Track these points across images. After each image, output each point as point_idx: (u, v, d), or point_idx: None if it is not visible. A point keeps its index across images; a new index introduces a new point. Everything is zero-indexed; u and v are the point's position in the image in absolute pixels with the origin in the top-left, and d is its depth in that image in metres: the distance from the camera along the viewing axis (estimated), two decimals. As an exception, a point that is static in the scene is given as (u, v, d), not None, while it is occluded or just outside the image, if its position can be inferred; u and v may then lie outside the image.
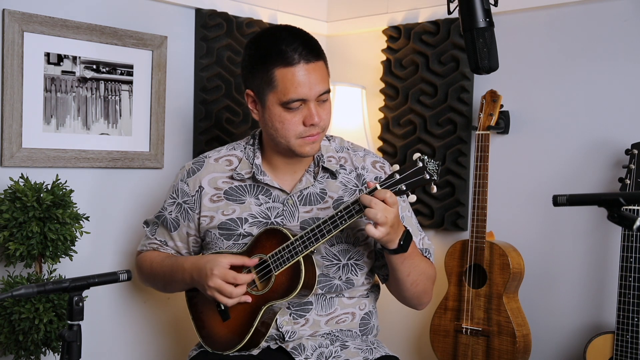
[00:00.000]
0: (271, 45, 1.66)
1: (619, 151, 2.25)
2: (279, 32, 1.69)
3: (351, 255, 1.77)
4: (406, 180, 1.56)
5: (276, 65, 1.64)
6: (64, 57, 2.20)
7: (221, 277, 1.65)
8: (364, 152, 1.88)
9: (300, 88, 1.64)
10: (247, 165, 1.80)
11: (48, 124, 2.18)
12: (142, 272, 1.96)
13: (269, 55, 1.66)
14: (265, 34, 1.72)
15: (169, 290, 1.94)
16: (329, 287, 1.76)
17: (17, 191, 1.94)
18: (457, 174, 2.61)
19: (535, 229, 2.47)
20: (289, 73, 1.64)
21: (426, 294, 1.82)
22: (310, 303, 1.75)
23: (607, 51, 2.30)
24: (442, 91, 2.64)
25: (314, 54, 1.67)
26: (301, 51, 1.64)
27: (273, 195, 1.78)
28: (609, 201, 1.39)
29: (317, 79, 1.66)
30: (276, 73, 1.65)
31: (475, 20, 1.68)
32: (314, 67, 1.66)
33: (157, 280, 1.91)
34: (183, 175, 1.87)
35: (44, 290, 1.34)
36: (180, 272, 1.78)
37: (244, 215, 1.77)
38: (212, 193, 1.81)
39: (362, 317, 1.82)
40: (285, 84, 1.64)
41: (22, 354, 1.98)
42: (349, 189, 1.81)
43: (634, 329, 2.05)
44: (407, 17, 2.77)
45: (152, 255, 1.93)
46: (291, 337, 1.74)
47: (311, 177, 1.80)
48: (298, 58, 1.64)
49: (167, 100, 2.47)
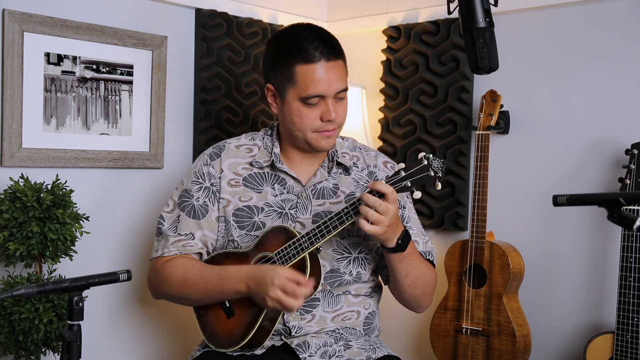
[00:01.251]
0: (293, 42, 1.73)
1: (619, 151, 2.25)
2: (301, 30, 1.75)
3: (361, 249, 1.81)
4: (411, 177, 1.60)
5: (297, 61, 1.70)
6: (64, 57, 2.20)
7: (281, 287, 1.59)
8: (375, 152, 1.95)
9: (320, 85, 1.70)
10: (266, 154, 1.85)
11: (48, 124, 2.18)
12: (171, 280, 1.78)
13: (291, 52, 1.72)
14: (288, 32, 1.78)
15: (202, 302, 1.80)
16: (339, 282, 1.79)
17: (17, 191, 1.94)
18: (457, 174, 2.61)
19: (535, 229, 2.47)
20: (309, 70, 1.70)
21: (425, 297, 1.84)
22: (317, 299, 1.77)
23: (607, 51, 2.30)
24: (442, 91, 2.64)
25: (334, 52, 1.73)
26: (322, 49, 1.70)
27: (288, 186, 1.82)
28: (609, 201, 1.39)
29: (336, 77, 1.72)
30: (297, 69, 1.70)
31: (475, 20, 1.68)
32: (334, 65, 1.72)
33: (191, 290, 1.76)
34: (205, 160, 1.86)
35: (44, 290, 1.33)
36: (234, 281, 1.70)
37: (260, 204, 1.80)
38: (231, 177, 1.83)
39: (366, 317, 1.85)
40: (305, 80, 1.70)
41: (22, 354, 1.98)
42: (361, 185, 1.86)
43: (634, 329, 2.05)
44: (407, 17, 2.77)
45: (183, 262, 1.79)
46: (297, 332, 1.75)
47: (325, 171, 1.85)
48: (319, 56, 1.70)
49: (167, 100, 2.47)
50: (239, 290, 1.70)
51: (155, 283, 1.84)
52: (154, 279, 1.84)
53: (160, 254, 1.82)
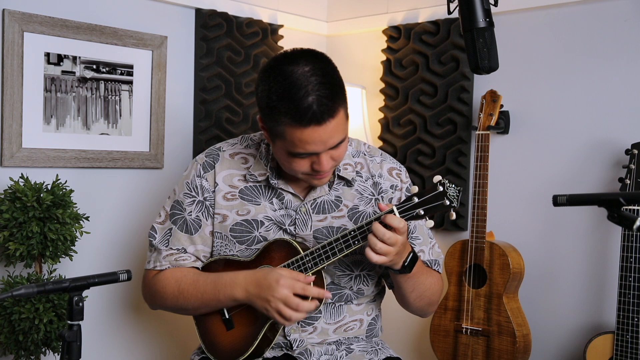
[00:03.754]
0: (284, 92, 1.48)
1: (619, 151, 2.25)
2: (297, 74, 1.49)
3: (364, 267, 1.73)
4: (425, 205, 1.50)
5: (286, 120, 1.49)
6: (64, 57, 2.20)
7: (289, 287, 1.53)
8: (380, 157, 1.80)
9: (310, 146, 1.51)
10: (262, 166, 1.72)
11: (48, 124, 2.18)
12: (165, 294, 1.72)
13: (281, 105, 1.49)
14: (283, 72, 1.51)
15: (201, 312, 1.73)
16: (340, 295, 1.73)
17: (17, 191, 1.94)
18: (457, 174, 2.61)
19: (535, 229, 2.47)
20: (298, 132, 1.49)
21: (431, 307, 1.80)
22: (319, 311, 1.72)
23: (607, 51, 2.30)
24: (442, 91, 2.64)
25: (329, 112, 1.48)
26: (315, 110, 1.46)
27: (286, 201, 1.71)
28: (609, 201, 1.39)
29: (331, 135, 1.52)
30: (285, 128, 1.50)
31: (475, 20, 1.68)
32: (328, 125, 1.49)
33: (187, 302, 1.69)
34: (198, 170, 1.74)
35: (44, 290, 1.33)
36: (229, 288, 1.63)
37: (260, 218, 1.70)
38: (227, 190, 1.72)
39: (369, 323, 1.81)
40: (294, 140, 1.51)
41: (22, 354, 1.98)
42: (365, 197, 1.74)
43: (634, 329, 2.05)
44: (407, 17, 2.77)
45: (175, 274, 1.71)
46: (299, 346, 1.71)
47: (326, 186, 1.72)
48: (309, 120, 1.47)
49: (167, 100, 2.47)
50: (235, 297, 1.62)
51: (150, 296, 1.78)
52: (148, 292, 1.78)
53: (152, 267, 1.75)
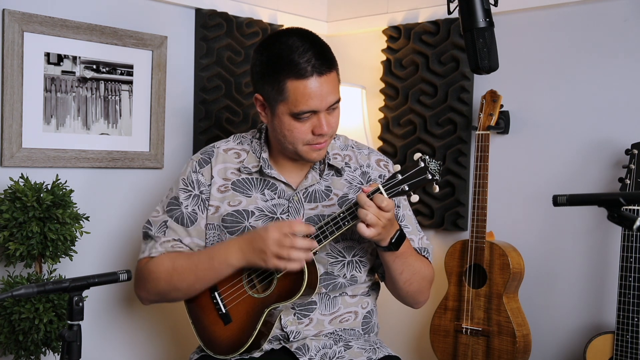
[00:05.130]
0: (283, 54, 1.62)
1: (619, 151, 2.25)
2: (291, 40, 1.64)
3: (356, 252, 1.79)
4: (408, 181, 1.57)
5: (288, 76, 1.62)
6: (64, 57, 2.20)
7: (277, 228, 1.58)
8: (368, 150, 1.90)
9: (312, 100, 1.63)
10: (254, 158, 1.80)
11: (48, 124, 2.18)
12: (159, 273, 1.73)
13: (281, 65, 1.62)
14: (277, 41, 1.66)
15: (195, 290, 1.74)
16: (334, 285, 1.76)
17: (17, 191, 1.94)
18: (457, 174, 2.61)
19: (535, 229, 2.47)
20: (301, 85, 1.61)
21: (421, 294, 1.83)
22: (314, 302, 1.76)
23: (607, 51, 2.30)
24: (442, 91, 2.64)
25: (326, 64, 1.64)
26: (314, 63, 1.61)
27: (279, 191, 1.78)
28: (609, 201, 1.39)
29: (329, 90, 1.65)
30: (288, 84, 1.62)
31: (475, 20, 1.68)
32: (326, 79, 1.64)
33: (182, 278, 1.71)
34: (194, 167, 1.81)
35: (44, 290, 1.33)
36: (223, 253, 1.67)
37: (250, 208, 1.76)
38: (221, 183, 1.78)
39: (364, 316, 1.83)
40: (297, 96, 1.62)
41: (22, 354, 1.98)
42: (354, 186, 1.82)
43: (634, 329, 2.05)
44: (407, 17, 2.77)
45: (170, 254, 1.75)
46: (296, 337, 1.74)
47: (317, 174, 1.80)
48: (311, 70, 1.61)
49: (167, 100, 2.48)
50: (230, 261, 1.66)
51: (142, 282, 1.78)
52: (140, 278, 1.79)
53: (148, 254, 1.78)
